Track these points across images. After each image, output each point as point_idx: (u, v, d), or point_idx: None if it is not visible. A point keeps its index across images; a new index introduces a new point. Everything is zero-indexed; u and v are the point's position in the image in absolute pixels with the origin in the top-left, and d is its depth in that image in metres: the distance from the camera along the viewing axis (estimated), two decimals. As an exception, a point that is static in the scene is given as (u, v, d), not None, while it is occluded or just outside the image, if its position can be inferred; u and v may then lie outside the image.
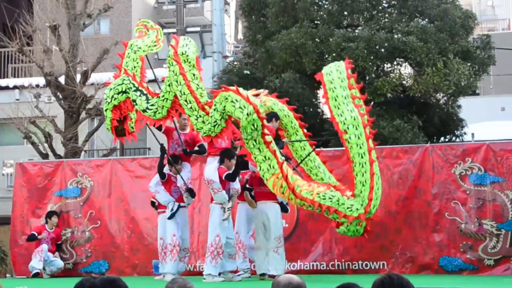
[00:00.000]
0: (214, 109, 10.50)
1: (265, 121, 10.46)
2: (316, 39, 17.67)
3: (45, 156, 19.24)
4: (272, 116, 11.58)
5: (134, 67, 11.85)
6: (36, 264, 13.88)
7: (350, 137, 10.44)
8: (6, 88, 25.34)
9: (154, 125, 11.66)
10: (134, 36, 30.70)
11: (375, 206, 10.42)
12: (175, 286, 4.53)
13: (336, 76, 10.84)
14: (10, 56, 28.32)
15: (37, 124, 19.98)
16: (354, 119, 10.42)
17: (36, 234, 13.98)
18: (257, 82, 17.65)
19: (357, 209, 10.31)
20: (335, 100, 10.68)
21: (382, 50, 17.43)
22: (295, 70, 17.54)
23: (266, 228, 11.33)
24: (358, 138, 10.40)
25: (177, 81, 10.81)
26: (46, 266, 14.01)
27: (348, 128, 10.44)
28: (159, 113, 11.12)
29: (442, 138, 18.81)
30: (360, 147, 10.40)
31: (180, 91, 10.76)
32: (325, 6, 18.56)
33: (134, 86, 11.44)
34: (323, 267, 13.04)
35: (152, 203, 12.41)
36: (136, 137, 12.09)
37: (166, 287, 4.55)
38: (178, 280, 4.63)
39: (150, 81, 24.54)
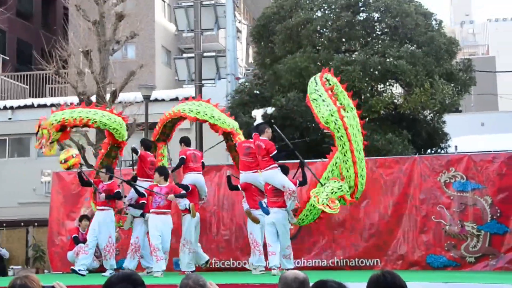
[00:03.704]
0: None
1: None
2: (318, 63, 17.67)
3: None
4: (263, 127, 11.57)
5: None
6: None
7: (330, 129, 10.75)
8: (44, 106, 25.39)
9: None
10: (157, 60, 30.70)
11: (359, 191, 10.99)
12: (190, 282, 4.51)
13: (312, 86, 11.13)
14: (48, 78, 28.41)
15: (72, 137, 20.01)
16: (332, 114, 10.64)
17: (78, 237, 13.90)
18: (266, 101, 17.68)
19: (347, 191, 10.73)
20: (315, 101, 10.93)
21: (376, 72, 17.45)
22: (299, 90, 17.50)
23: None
24: (338, 130, 10.65)
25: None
26: None
27: (326, 121, 10.70)
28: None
29: (429, 150, 18.76)
30: (340, 138, 10.67)
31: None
32: (326, 33, 18.60)
33: None
34: (324, 264, 13.05)
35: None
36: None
37: (182, 282, 4.54)
38: (192, 275, 4.60)
39: (172, 99, 24.69)
